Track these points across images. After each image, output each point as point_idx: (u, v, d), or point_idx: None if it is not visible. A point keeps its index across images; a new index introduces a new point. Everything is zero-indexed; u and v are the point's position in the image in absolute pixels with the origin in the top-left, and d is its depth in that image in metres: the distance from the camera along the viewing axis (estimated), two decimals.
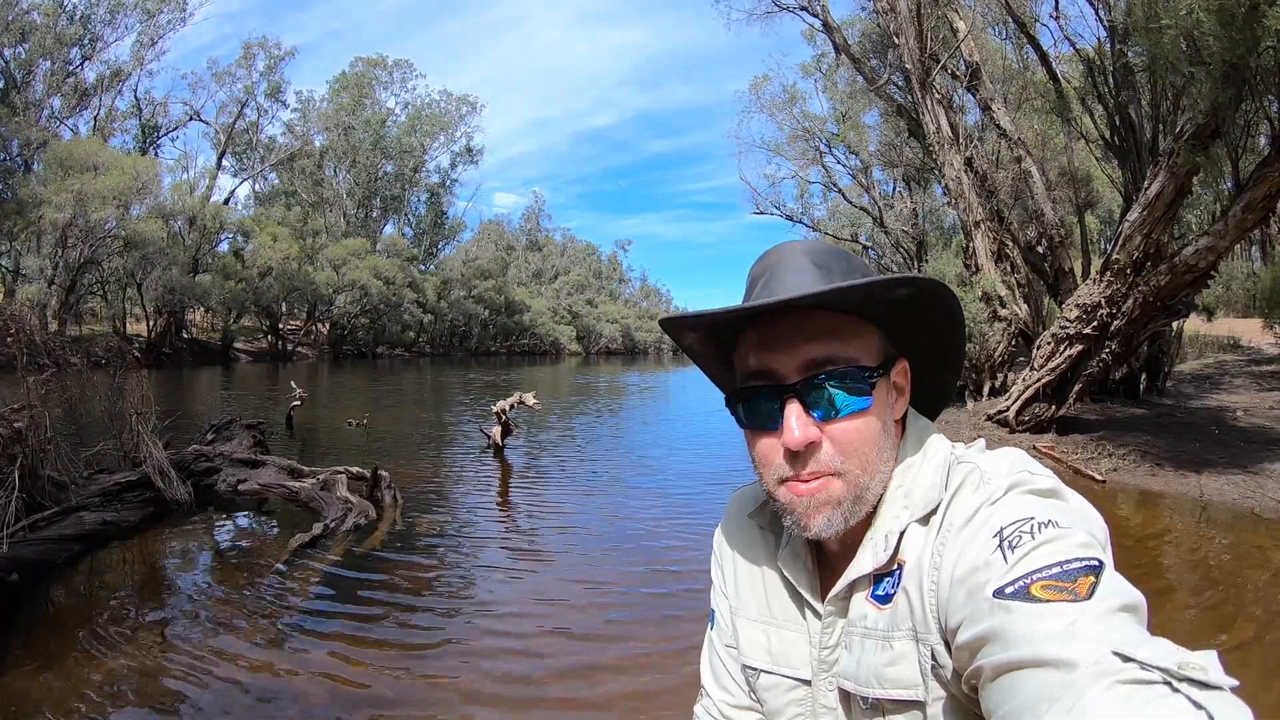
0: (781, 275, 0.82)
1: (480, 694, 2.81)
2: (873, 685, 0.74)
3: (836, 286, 0.74)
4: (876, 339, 0.82)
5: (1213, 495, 5.97)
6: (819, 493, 0.78)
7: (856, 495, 0.78)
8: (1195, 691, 0.47)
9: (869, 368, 0.79)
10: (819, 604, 0.84)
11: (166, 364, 26.21)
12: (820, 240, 0.85)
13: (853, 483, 0.78)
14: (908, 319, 0.83)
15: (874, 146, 23.47)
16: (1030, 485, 0.70)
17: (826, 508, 0.78)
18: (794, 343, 0.79)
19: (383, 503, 5.63)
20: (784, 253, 0.85)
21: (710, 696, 0.96)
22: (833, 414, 0.78)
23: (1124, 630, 0.54)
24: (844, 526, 0.79)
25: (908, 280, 0.77)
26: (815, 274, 0.81)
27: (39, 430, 4.55)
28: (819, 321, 0.79)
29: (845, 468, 0.78)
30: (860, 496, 0.78)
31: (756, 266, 0.88)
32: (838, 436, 0.78)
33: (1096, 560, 0.60)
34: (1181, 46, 6.24)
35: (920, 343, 0.87)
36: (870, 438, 0.78)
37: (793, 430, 0.77)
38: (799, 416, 0.77)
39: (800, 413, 0.77)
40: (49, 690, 2.73)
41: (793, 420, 0.77)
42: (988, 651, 0.59)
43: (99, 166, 24.63)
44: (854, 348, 0.79)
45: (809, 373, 0.78)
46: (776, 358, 0.80)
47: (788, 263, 0.83)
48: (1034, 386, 8.39)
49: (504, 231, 74.21)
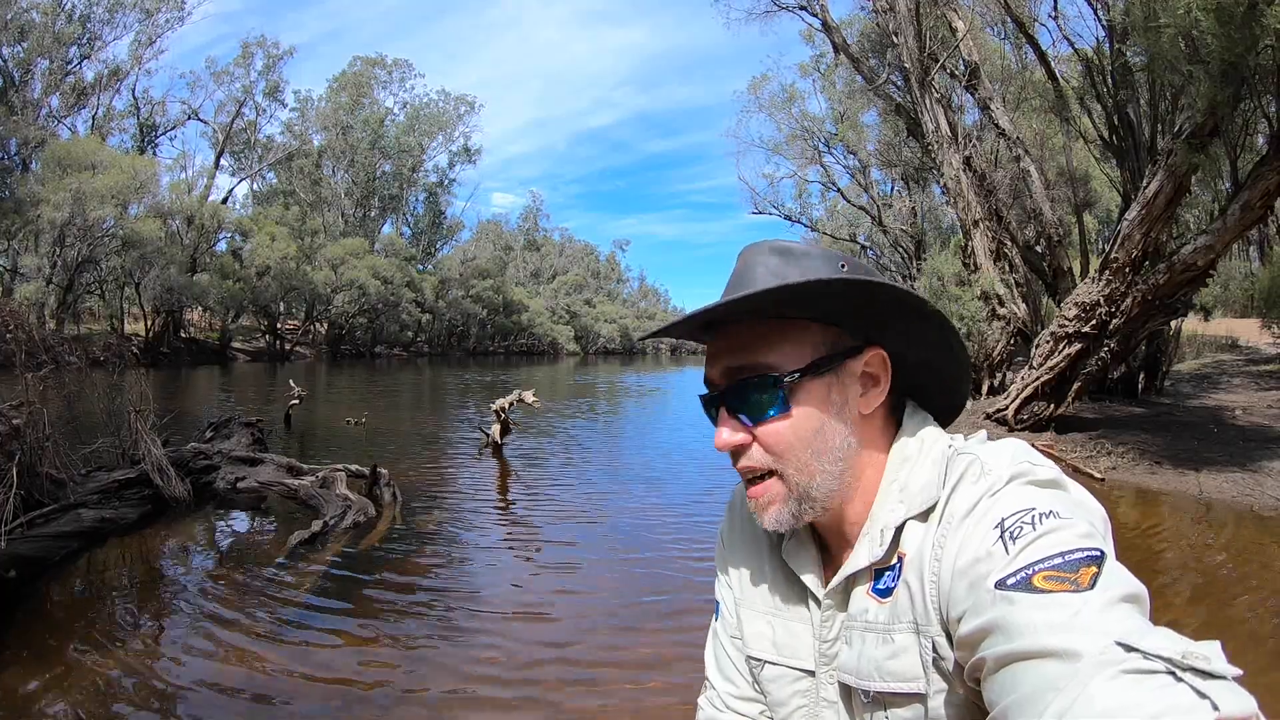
0: (735, 281, 0.84)
1: (480, 692, 2.80)
2: (874, 678, 0.74)
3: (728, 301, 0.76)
4: (817, 337, 0.82)
5: (1212, 493, 5.98)
6: (761, 495, 0.82)
7: (801, 494, 0.81)
8: (1199, 681, 0.47)
9: (785, 372, 0.79)
10: (822, 594, 0.84)
11: (164, 363, 26.15)
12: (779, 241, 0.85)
13: (791, 482, 0.81)
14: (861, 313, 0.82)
15: (872, 146, 23.53)
16: (1031, 476, 0.70)
17: (773, 505, 0.82)
18: (720, 353, 0.84)
19: (382, 500, 5.62)
20: (745, 256, 0.86)
21: (715, 688, 0.96)
22: (758, 417, 0.81)
23: (1127, 620, 0.54)
24: (796, 522, 0.82)
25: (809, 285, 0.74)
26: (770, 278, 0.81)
27: (37, 427, 4.53)
28: (742, 330, 0.82)
29: (778, 467, 0.81)
30: (805, 494, 0.81)
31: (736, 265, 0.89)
32: (764, 438, 0.81)
33: (1098, 550, 0.60)
34: (1180, 46, 6.26)
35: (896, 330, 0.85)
36: (801, 438, 0.80)
37: (720, 434, 0.83)
38: (724, 421, 0.83)
39: (726, 418, 0.83)
40: (47, 687, 2.72)
41: (720, 425, 0.83)
42: (990, 643, 0.59)
43: (97, 165, 24.57)
44: (777, 353, 0.81)
45: (730, 379, 0.82)
46: (711, 366, 0.86)
47: (745, 268, 0.85)
48: (1032, 385, 8.41)
49: (502, 231, 74.33)
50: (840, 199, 27.43)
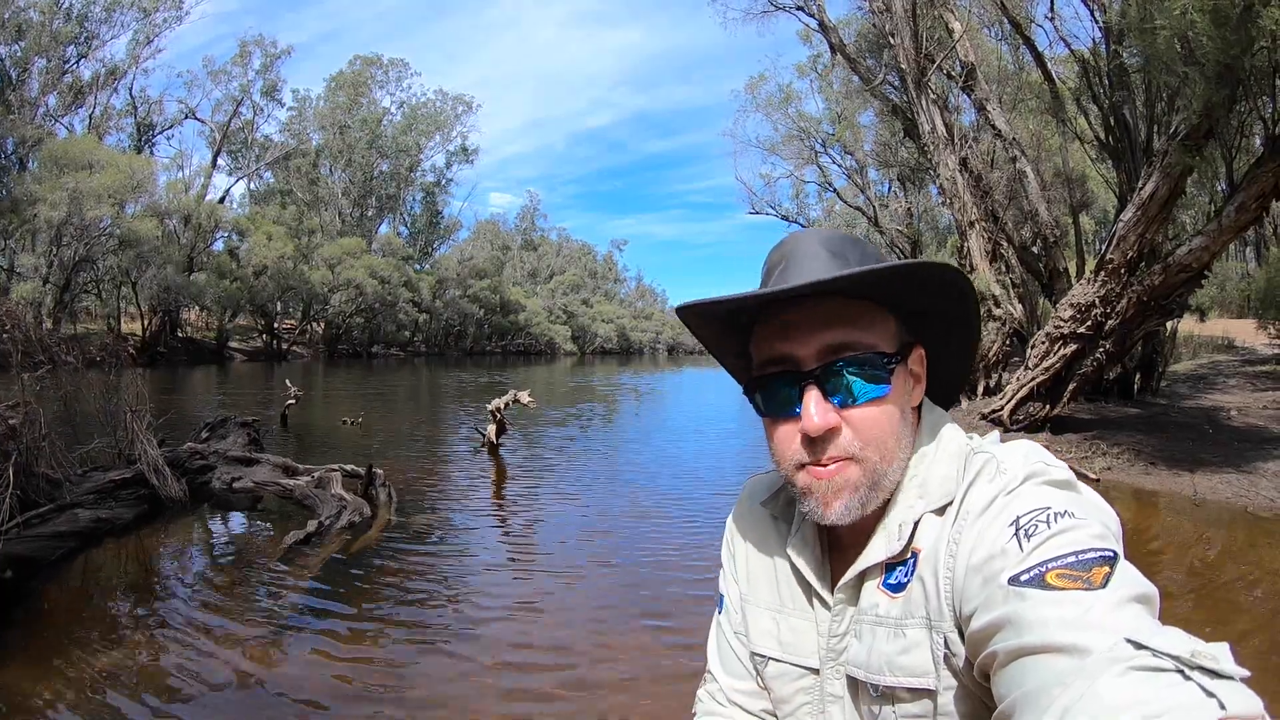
0: (798, 262, 0.82)
1: (476, 690, 2.80)
2: (884, 673, 0.74)
3: (854, 272, 0.74)
4: (893, 325, 0.82)
5: (1206, 493, 6.00)
6: (837, 475, 0.78)
7: (874, 482, 0.78)
8: (1207, 680, 0.47)
9: (887, 354, 0.79)
10: (827, 593, 0.84)
11: (161, 363, 26.12)
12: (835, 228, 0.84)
13: (870, 469, 0.78)
14: (922, 306, 0.83)
15: (869, 146, 23.51)
16: (1046, 476, 0.71)
17: (845, 492, 0.78)
18: (812, 329, 0.79)
19: (377, 500, 5.62)
20: (800, 240, 0.85)
21: (716, 681, 0.96)
22: (851, 400, 0.78)
23: (1137, 619, 0.54)
24: (861, 513, 0.79)
25: (923, 265, 0.76)
26: (831, 261, 0.81)
27: (34, 427, 4.53)
28: (836, 308, 0.79)
29: (864, 454, 0.78)
30: (877, 483, 0.78)
31: (773, 254, 0.88)
32: (857, 423, 0.78)
33: (1111, 551, 0.60)
34: (1176, 47, 6.27)
35: (935, 330, 0.87)
36: (889, 425, 0.79)
37: (812, 416, 0.77)
38: (818, 403, 0.77)
39: (819, 399, 0.78)
40: (43, 686, 2.72)
41: (812, 406, 0.77)
42: (1002, 637, 0.59)
43: (94, 165, 24.54)
44: (872, 334, 0.80)
45: (827, 359, 0.78)
46: (794, 344, 0.80)
47: (804, 250, 0.83)
48: (1028, 386, 8.42)
49: (499, 231, 74.27)
50: (837, 199, 27.45)
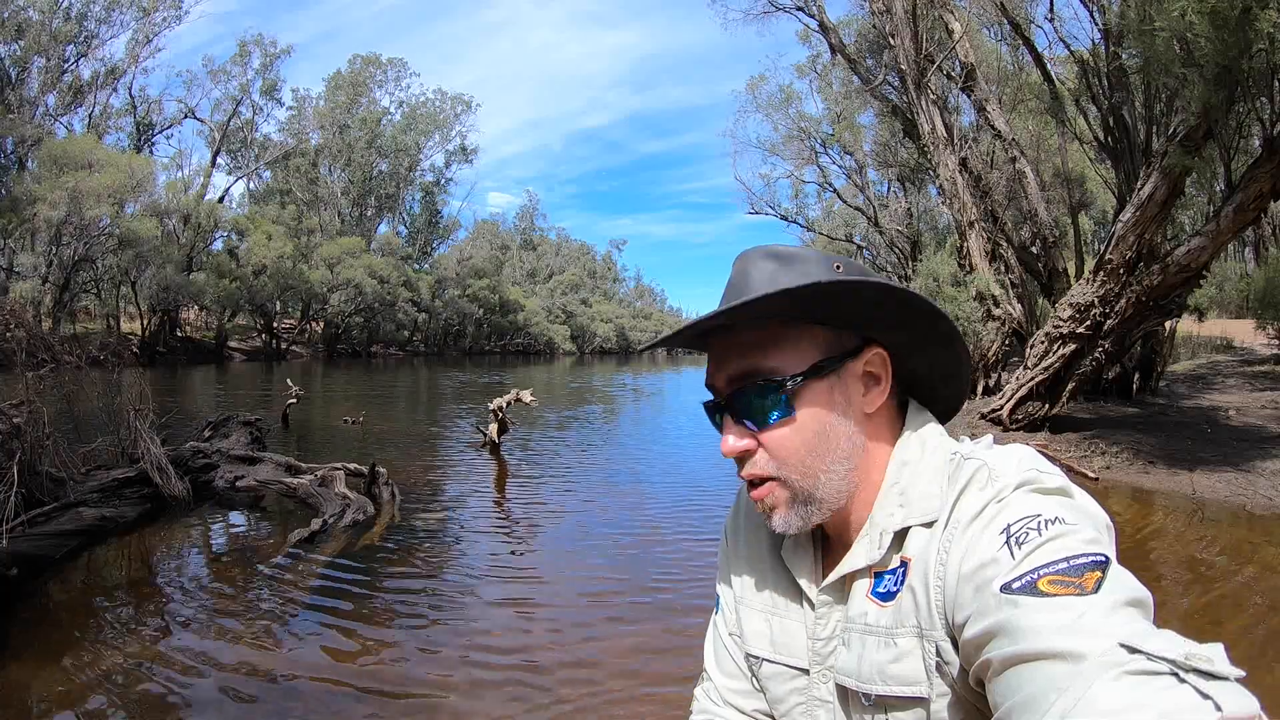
0: (732, 287, 0.84)
1: (479, 689, 2.82)
2: (875, 683, 0.74)
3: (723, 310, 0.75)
4: (818, 339, 0.81)
5: (1205, 493, 6.02)
6: (765, 497, 0.82)
7: (806, 498, 0.81)
8: (1202, 682, 0.47)
9: (788, 376, 0.79)
10: (814, 593, 0.85)
11: (160, 362, 26.09)
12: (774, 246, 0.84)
13: (794, 487, 0.81)
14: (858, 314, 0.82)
15: (869, 147, 23.56)
16: (1038, 484, 0.70)
17: (777, 510, 0.82)
18: (723, 359, 0.84)
19: (381, 499, 5.63)
20: (740, 262, 0.86)
21: (712, 681, 0.96)
22: (762, 423, 0.81)
23: (1131, 623, 0.54)
24: (805, 525, 0.82)
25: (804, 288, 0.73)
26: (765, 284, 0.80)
27: (37, 425, 4.54)
28: (743, 336, 0.82)
29: (781, 473, 0.81)
30: (810, 498, 0.80)
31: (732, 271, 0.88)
32: (769, 444, 0.81)
33: (1103, 556, 0.60)
34: (1175, 49, 6.29)
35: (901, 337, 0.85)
36: (805, 442, 0.80)
37: (726, 440, 0.83)
38: (730, 428, 0.83)
39: (731, 424, 0.83)
40: (47, 684, 2.73)
41: (725, 432, 0.83)
42: (995, 645, 0.59)
43: (93, 164, 24.52)
44: (778, 357, 0.80)
45: (734, 386, 0.82)
46: (713, 373, 0.85)
47: (740, 275, 0.85)
48: (1027, 385, 8.44)
49: (498, 231, 74.26)
50: (836, 199, 27.50)
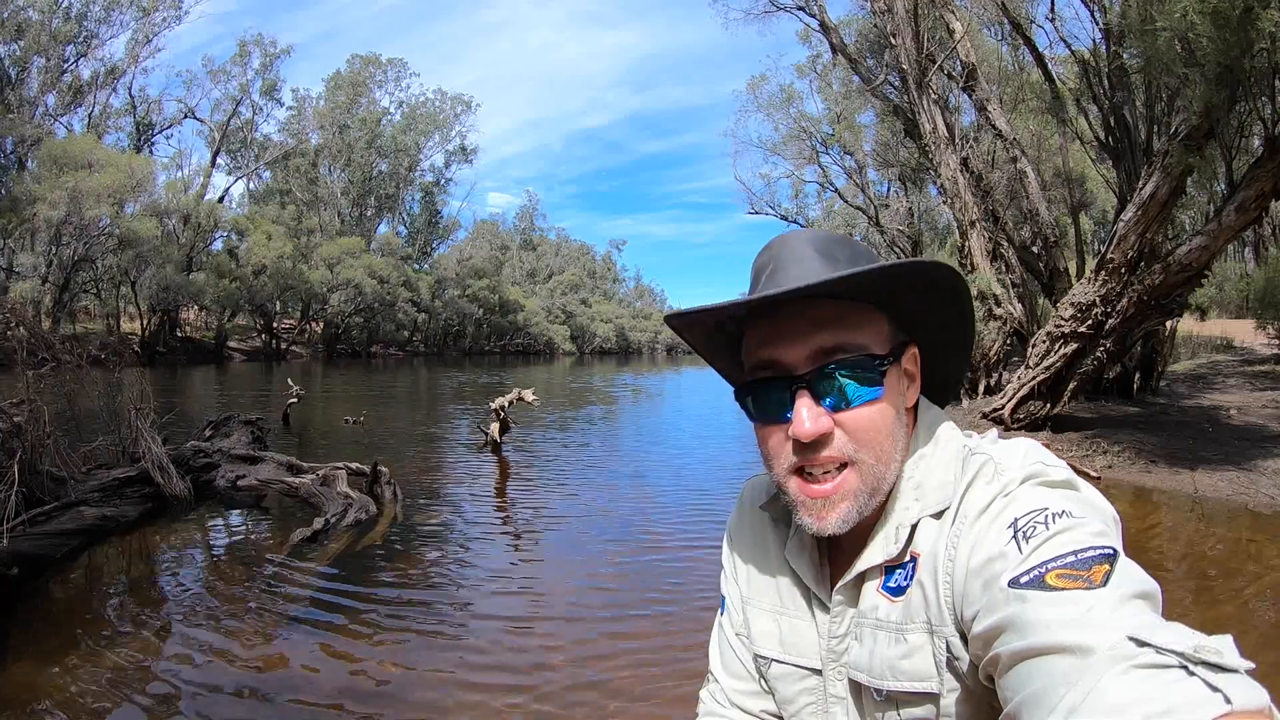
0: (786, 265, 0.81)
1: (481, 689, 2.81)
2: (887, 678, 0.74)
3: (843, 274, 0.72)
4: (885, 326, 0.81)
5: (1206, 491, 6.02)
6: (835, 491, 0.77)
7: (873, 487, 0.77)
8: (1211, 674, 0.47)
9: (879, 355, 0.78)
10: (825, 595, 0.84)
11: (160, 362, 26.10)
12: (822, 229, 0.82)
13: (867, 473, 0.77)
14: (915, 304, 0.81)
15: (869, 146, 23.55)
16: (1045, 477, 0.70)
17: (843, 504, 0.77)
18: (802, 332, 0.78)
19: (383, 498, 5.62)
20: (787, 242, 0.84)
21: (719, 682, 0.96)
22: (845, 404, 0.76)
23: (1139, 616, 0.54)
24: (857, 520, 0.78)
25: (914, 265, 0.74)
26: (820, 263, 0.79)
27: (38, 425, 4.53)
28: (827, 310, 0.77)
29: (859, 457, 0.76)
30: (876, 488, 0.78)
31: (760, 258, 0.86)
32: (851, 426, 0.76)
33: (1110, 549, 0.60)
34: (1176, 48, 6.29)
35: (929, 328, 0.85)
36: (884, 426, 0.77)
37: (803, 421, 0.75)
38: (809, 408, 0.76)
39: (811, 404, 0.76)
40: (48, 683, 2.72)
41: (803, 411, 0.76)
42: (1004, 640, 0.59)
43: (93, 164, 24.53)
44: (863, 335, 0.78)
45: (818, 362, 0.77)
46: (785, 349, 0.78)
47: (791, 253, 0.82)
48: (1029, 385, 8.44)
49: (498, 231, 74.31)
50: (837, 199, 27.47)
